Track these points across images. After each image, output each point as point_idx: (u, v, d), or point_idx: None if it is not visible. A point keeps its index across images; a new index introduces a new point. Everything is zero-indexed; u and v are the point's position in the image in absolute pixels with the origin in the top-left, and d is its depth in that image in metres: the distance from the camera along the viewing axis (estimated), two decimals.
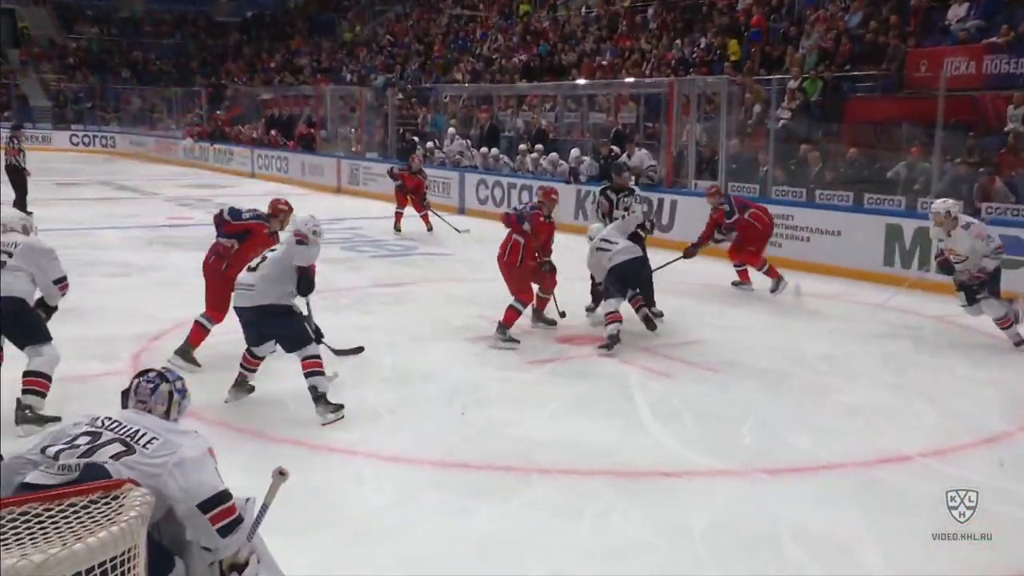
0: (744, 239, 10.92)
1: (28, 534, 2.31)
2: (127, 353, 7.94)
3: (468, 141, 20.90)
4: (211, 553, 3.39)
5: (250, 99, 33.14)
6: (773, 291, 10.78)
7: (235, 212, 7.73)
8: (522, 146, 19.13)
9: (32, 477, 3.12)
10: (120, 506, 2.47)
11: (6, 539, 2.29)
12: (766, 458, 5.66)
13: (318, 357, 6.58)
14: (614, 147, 16.27)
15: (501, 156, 19.38)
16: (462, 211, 18.45)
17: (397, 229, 16.06)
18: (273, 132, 28.71)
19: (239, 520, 3.37)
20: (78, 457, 3.18)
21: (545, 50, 24.60)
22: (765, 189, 13.55)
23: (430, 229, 15.96)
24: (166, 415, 3.59)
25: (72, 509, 2.41)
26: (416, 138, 22.53)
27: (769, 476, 5.38)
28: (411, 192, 15.90)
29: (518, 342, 8.20)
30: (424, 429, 6.30)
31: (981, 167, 11.62)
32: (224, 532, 3.33)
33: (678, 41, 20.44)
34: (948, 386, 7.49)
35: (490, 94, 22.78)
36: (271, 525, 3.75)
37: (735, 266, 11.32)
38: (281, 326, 6.48)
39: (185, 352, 7.29)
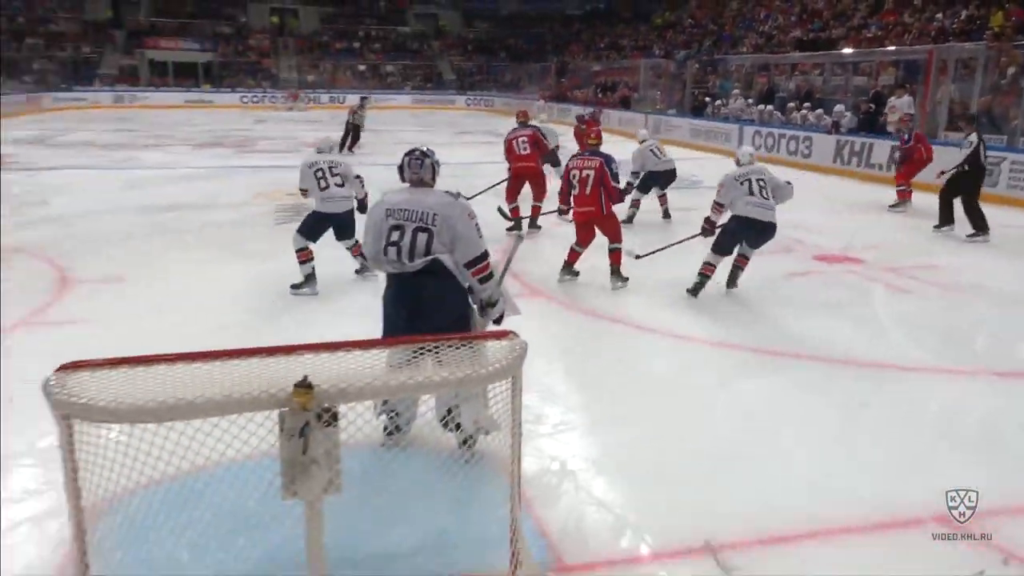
0: (909, 166, 11.18)
1: (448, 358, 2.57)
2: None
3: (749, 100, 20.85)
4: (474, 295, 3.93)
5: (585, 71, 34.60)
6: (891, 206, 11.25)
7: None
8: (791, 104, 19.00)
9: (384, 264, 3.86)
10: (505, 343, 2.64)
11: (439, 359, 2.59)
12: (995, 362, 5.40)
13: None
14: (872, 104, 16.01)
15: (774, 112, 19.34)
16: None
17: None
18: (600, 95, 30.08)
19: (490, 275, 3.87)
20: (408, 252, 3.75)
21: (819, 26, 23.69)
22: (1012, 140, 12.74)
23: None
24: (432, 180, 4.00)
25: (467, 345, 2.63)
26: (708, 98, 22.85)
27: (998, 378, 5.12)
28: None
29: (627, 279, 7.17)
30: (703, 318, 6.35)
31: None
32: (482, 282, 3.86)
33: (939, 14, 19.25)
34: None
35: (768, 63, 22.34)
36: (581, 371, 4.81)
37: (898, 188, 11.33)
38: None
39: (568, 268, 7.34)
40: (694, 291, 6.86)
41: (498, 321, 4.00)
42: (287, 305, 6.83)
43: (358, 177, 7.28)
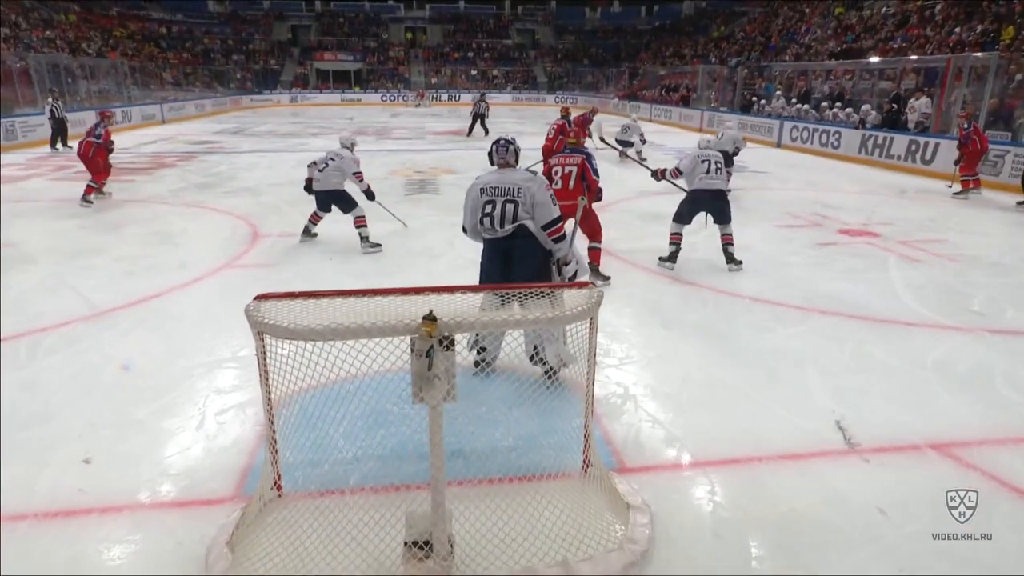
0: (968, 156, 10.31)
1: (531, 304, 2.60)
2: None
3: (792, 100, 20.01)
4: (552, 255, 3.92)
5: (652, 75, 33.33)
6: (955, 194, 10.35)
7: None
8: (824, 103, 18.24)
9: (487, 235, 3.87)
10: (581, 293, 2.66)
11: (525, 303, 2.61)
12: (988, 322, 5.20)
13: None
14: (894, 104, 15.31)
15: (809, 110, 18.61)
16: (779, 146, 17.77)
17: None
18: (665, 94, 29.35)
19: (563, 236, 3.88)
20: (500, 220, 3.78)
21: (851, 38, 22.57)
22: (1016, 136, 12.04)
23: None
24: (516, 162, 4.01)
25: (549, 294, 2.64)
26: (754, 97, 22.09)
27: (990, 334, 4.94)
28: None
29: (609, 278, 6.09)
30: (743, 278, 6.07)
31: None
32: (556, 242, 3.87)
33: (958, 29, 18.17)
34: None
35: (806, 69, 21.46)
36: (642, 318, 4.70)
37: (961, 179, 10.46)
38: None
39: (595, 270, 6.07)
40: (670, 259, 6.54)
41: (572, 278, 4.02)
42: (407, 252, 7.16)
43: (356, 174, 7.26)
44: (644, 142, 15.14)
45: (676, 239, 6.58)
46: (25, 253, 7.01)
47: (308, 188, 7.24)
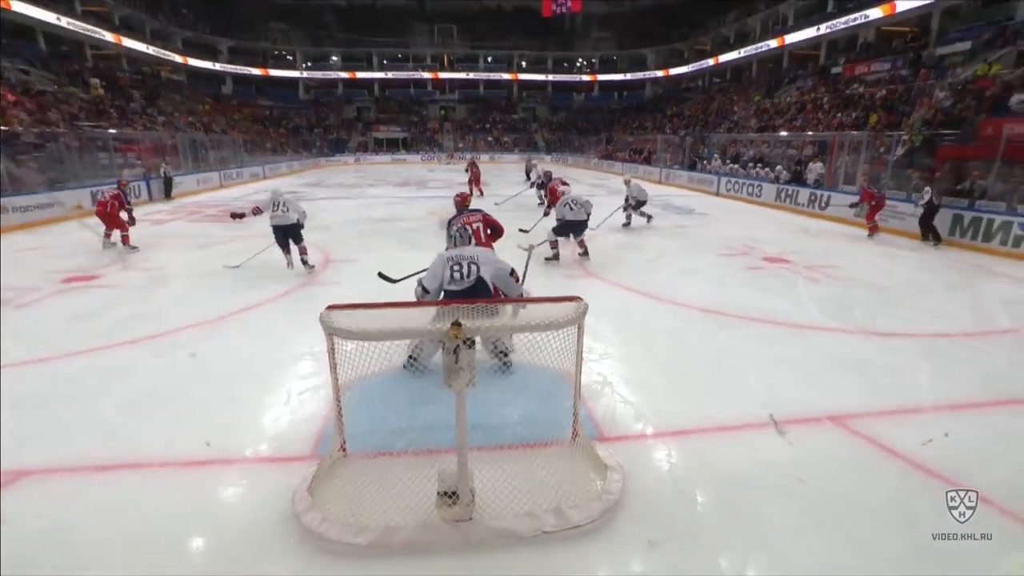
0: (873, 209, 9.96)
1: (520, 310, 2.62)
2: None
3: (727, 161, 19.55)
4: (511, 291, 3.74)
5: (623, 141, 31.79)
6: (869, 234, 9.92)
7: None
8: (750, 163, 17.92)
9: (449, 286, 3.59)
10: (571, 305, 2.55)
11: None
12: (867, 325, 5.09)
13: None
14: (798, 166, 15.34)
15: (739, 168, 18.23)
16: (718, 194, 17.14)
17: None
18: (632, 154, 27.43)
19: (517, 278, 3.74)
20: (466, 275, 3.60)
21: (768, 118, 22.76)
22: (883, 193, 12.04)
23: None
24: (470, 243, 4.07)
25: (545, 305, 2.55)
26: (697, 159, 21.44)
27: (868, 335, 4.86)
28: None
29: None
30: (695, 293, 5.84)
31: None
32: (516, 281, 3.73)
33: (839, 114, 18.58)
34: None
35: (736, 139, 21.31)
36: (617, 324, 4.60)
37: (869, 225, 10.01)
38: None
39: None
40: (555, 258, 7.37)
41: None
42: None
43: (303, 212, 6.98)
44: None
45: (555, 246, 7.43)
46: (167, 275, 7.07)
47: (299, 226, 6.82)
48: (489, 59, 44.87)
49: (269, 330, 5.03)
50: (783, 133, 19.29)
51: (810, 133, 17.85)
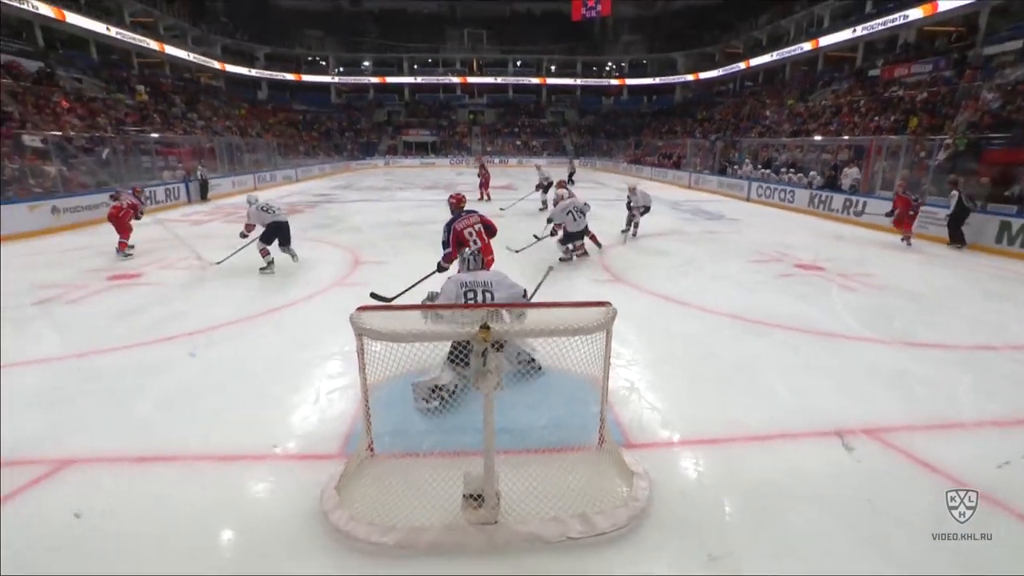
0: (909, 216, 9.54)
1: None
2: None
3: (759, 166, 19.00)
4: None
5: (652, 146, 31.48)
6: (903, 240, 9.49)
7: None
8: (782, 169, 17.46)
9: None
10: (600, 311, 2.51)
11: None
12: (904, 336, 4.92)
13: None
14: (832, 171, 14.92)
15: (770, 173, 17.73)
16: (748, 200, 16.75)
17: None
18: (661, 159, 27.12)
19: (527, 298, 3.64)
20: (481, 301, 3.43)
21: (801, 122, 22.21)
22: (922, 198, 11.69)
23: None
24: (482, 266, 3.88)
25: (573, 310, 2.48)
26: (728, 164, 21.11)
27: (906, 345, 4.70)
28: None
29: None
30: (722, 299, 5.72)
31: None
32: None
33: (876, 117, 17.97)
34: None
35: (768, 143, 20.90)
36: (644, 329, 4.55)
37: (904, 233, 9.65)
38: None
39: None
40: (569, 258, 7.54)
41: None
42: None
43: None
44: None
45: (567, 253, 7.58)
46: (204, 274, 7.26)
47: (269, 234, 7.06)
48: (518, 63, 44.98)
49: (300, 330, 5.11)
50: (817, 137, 18.86)
51: (846, 137, 17.41)
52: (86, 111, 18.83)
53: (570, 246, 7.66)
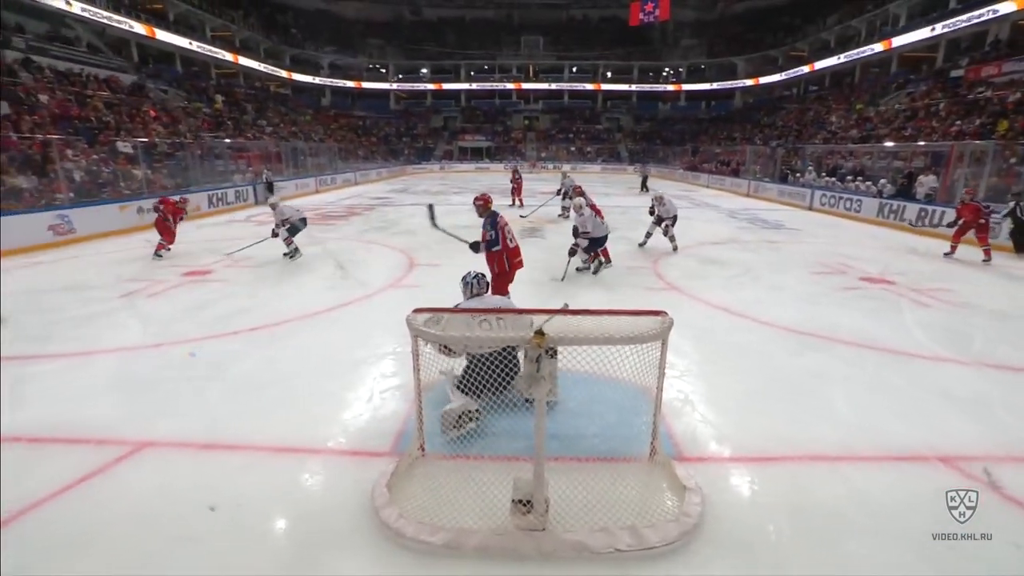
0: (979, 227, 8.69)
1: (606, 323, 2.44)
2: None
3: (823, 174, 18.21)
4: None
5: (710, 152, 30.92)
6: (984, 261, 8.56)
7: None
8: (848, 176, 16.60)
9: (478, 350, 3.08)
10: (656, 320, 2.48)
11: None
12: (985, 357, 4.58)
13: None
14: (905, 180, 14.01)
15: (835, 182, 16.81)
16: (810, 208, 15.97)
17: None
18: (719, 166, 26.45)
19: None
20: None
21: (871, 128, 20.94)
22: (990, 210, 10.71)
23: None
24: (486, 290, 3.71)
25: (628, 318, 2.46)
26: (789, 171, 20.20)
27: (986, 367, 4.37)
28: None
29: None
30: (779, 311, 5.49)
31: None
32: None
33: (959, 121, 16.61)
34: None
35: (833, 150, 19.97)
36: (700, 339, 4.37)
37: (955, 243, 8.98)
38: None
39: None
40: (591, 271, 7.35)
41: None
42: (521, 280, 6.69)
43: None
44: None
45: (591, 260, 7.41)
46: (268, 272, 7.61)
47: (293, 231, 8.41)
48: (574, 69, 44.84)
49: (357, 329, 5.26)
50: (889, 143, 17.85)
51: (922, 143, 16.38)
52: (169, 119, 20.18)
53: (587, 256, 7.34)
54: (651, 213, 9.23)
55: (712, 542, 2.46)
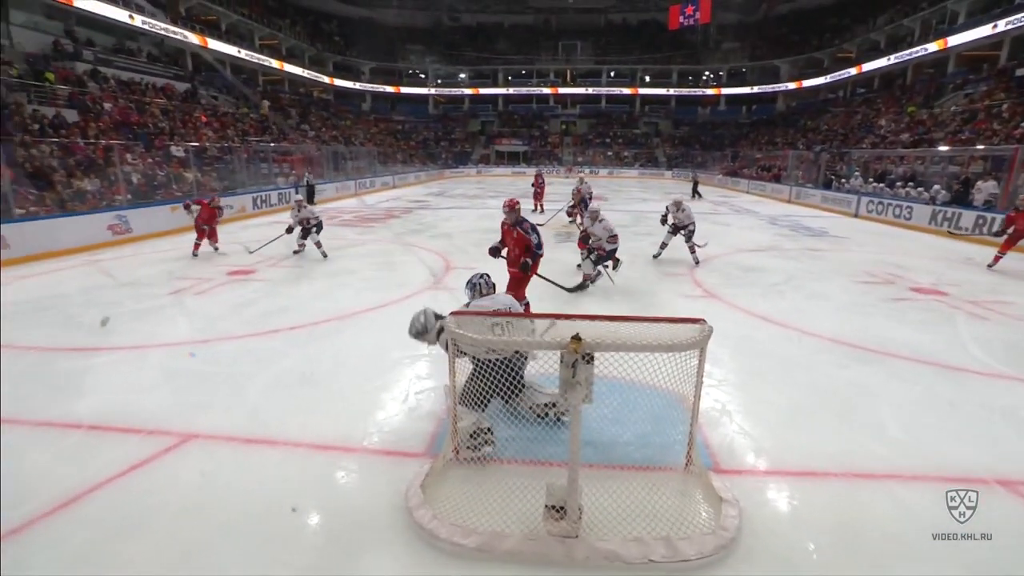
0: (1016, 232, 8.25)
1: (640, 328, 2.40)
2: None
3: (869, 180, 17.43)
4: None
5: (750, 157, 29.94)
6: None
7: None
8: (898, 183, 15.96)
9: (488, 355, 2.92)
10: (694, 328, 2.42)
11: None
12: None
13: None
14: (961, 186, 13.20)
15: (884, 188, 16.15)
16: (856, 216, 15.46)
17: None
18: (760, 172, 25.77)
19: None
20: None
21: (923, 131, 19.98)
22: None
23: None
24: (493, 289, 3.50)
25: (667, 325, 2.37)
26: (834, 177, 19.44)
27: None
28: None
29: None
30: (825, 321, 5.33)
31: None
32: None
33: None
34: None
35: (882, 155, 19.16)
36: (738, 348, 4.26)
37: (1002, 252, 8.44)
38: None
39: None
40: (591, 282, 6.84)
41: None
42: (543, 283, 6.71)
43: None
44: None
45: (603, 269, 6.98)
46: (308, 273, 7.81)
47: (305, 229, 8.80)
48: (612, 73, 44.54)
49: (393, 329, 5.30)
50: (943, 147, 17.03)
51: (981, 147, 15.54)
52: (219, 124, 21.03)
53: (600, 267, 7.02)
54: (663, 222, 8.56)
55: (749, 558, 2.39)
